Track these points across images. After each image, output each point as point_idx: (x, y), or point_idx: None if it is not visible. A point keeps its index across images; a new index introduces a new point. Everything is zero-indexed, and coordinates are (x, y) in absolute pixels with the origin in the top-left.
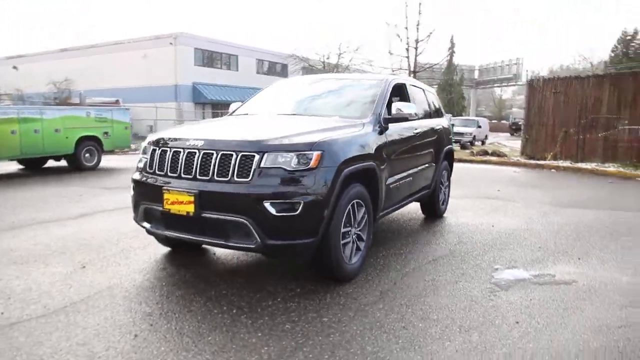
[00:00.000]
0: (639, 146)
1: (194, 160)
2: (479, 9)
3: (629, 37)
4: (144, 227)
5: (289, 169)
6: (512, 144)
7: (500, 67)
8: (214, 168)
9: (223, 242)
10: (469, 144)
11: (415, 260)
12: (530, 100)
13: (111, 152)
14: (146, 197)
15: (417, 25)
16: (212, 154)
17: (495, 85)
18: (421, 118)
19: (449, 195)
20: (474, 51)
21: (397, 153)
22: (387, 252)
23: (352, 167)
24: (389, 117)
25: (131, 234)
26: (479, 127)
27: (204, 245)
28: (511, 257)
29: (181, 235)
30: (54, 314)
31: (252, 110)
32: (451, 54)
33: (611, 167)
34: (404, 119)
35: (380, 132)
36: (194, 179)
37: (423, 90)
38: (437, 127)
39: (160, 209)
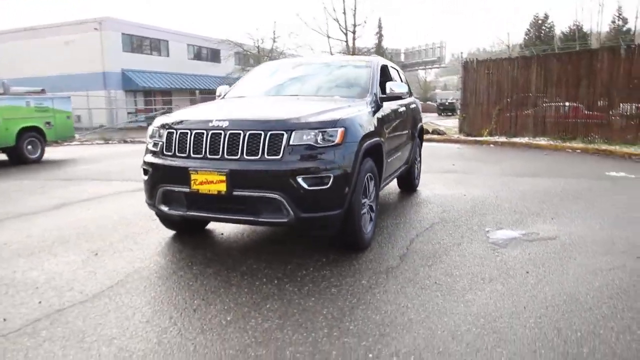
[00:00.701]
0: (564, 121)
1: (220, 141)
2: None
3: (540, 21)
4: (160, 210)
5: (317, 145)
6: (444, 123)
7: (425, 50)
8: (242, 147)
9: (254, 219)
10: None
11: (414, 228)
12: (465, 81)
13: (55, 142)
14: (166, 179)
15: (354, 9)
16: (240, 133)
17: (420, 67)
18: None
19: (420, 170)
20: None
21: (389, 130)
22: (385, 222)
23: (368, 142)
24: (384, 96)
25: (124, 220)
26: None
27: (208, 227)
28: (495, 220)
29: (208, 215)
30: (95, 298)
31: (248, 93)
32: (379, 38)
33: (542, 141)
34: (397, 97)
35: (377, 111)
36: (222, 158)
37: (397, 70)
38: (412, 106)
39: (187, 190)
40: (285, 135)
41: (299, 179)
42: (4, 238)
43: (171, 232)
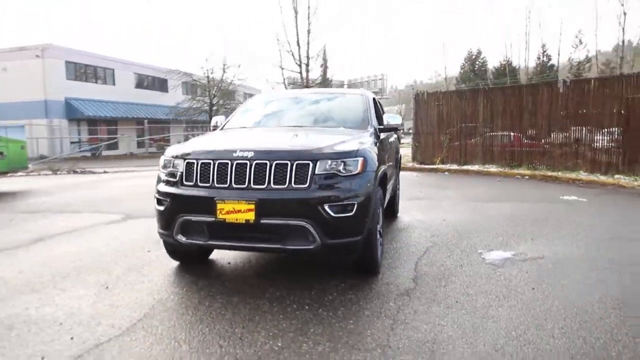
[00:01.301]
0: (509, 149)
1: (245, 171)
2: (352, 28)
3: (473, 57)
4: (177, 241)
5: (340, 174)
6: None
7: (367, 82)
8: (269, 177)
9: (280, 247)
10: None
11: (412, 252)
12: (417, 111)
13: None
14: (186, 209)
15: (308, 42)
16: (266, 163)
17: None
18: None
19: (399, 197)
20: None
21: (385, 160)
22: (384, 247)
23: (380, 171)
24: (381, 127)
25: (117, 253)
26: None
27: (210, 257)
28: (483, 243)
29: (232, 244)
30: (130, 331)
31: (250, 124)
32: (324, 69)
33: (492, 168)
34: (394, 129)
35: (377, 141)
36: (248, 188)
37: (379, 102)
38: (394, 136)
39: (211, 219)
40: (311, 165)
41: (326, 207)
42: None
43: (173, 264)
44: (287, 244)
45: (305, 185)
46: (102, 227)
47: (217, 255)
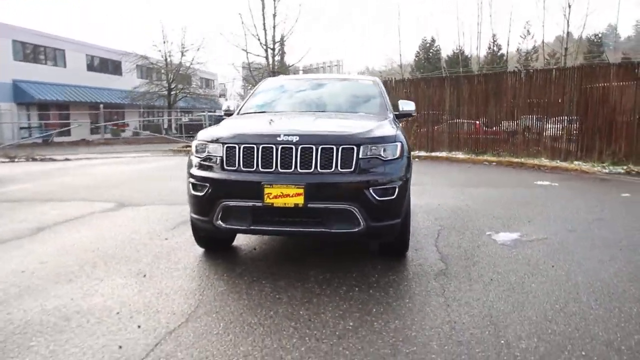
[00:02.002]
0: (475, 137)
1: (292, 155)
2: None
3: (428, 45)
4: (215, 227)
5: (382, 158)
6: None
7: (323, 67)
8: (316, 161)
9: (325, 230)
10: None
11: (427, 235)
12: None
13: None
14: (230, 194)
15: (274, 27)
16: (312, 148)
17: None
18: None
19: None
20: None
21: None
22: None
23: (410, 156)
24: (397, 113)
25: (134, 241)
26: None
27: (234, 243)
28: (487, 225)
29: (277, 229)
30: (195, 317)
31: (270, 108)
32: (282, 54)
33: (459, 154)
34: (408, 114)
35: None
36: (295, 172)
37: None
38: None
39: (258, 204)
40: (356, 149)
41: (371, 190)
42: (16, 266)
43: (197, 251)
44: (332, 227)
45: (351, 170)
46: (101, 216)
47: (238, 241)
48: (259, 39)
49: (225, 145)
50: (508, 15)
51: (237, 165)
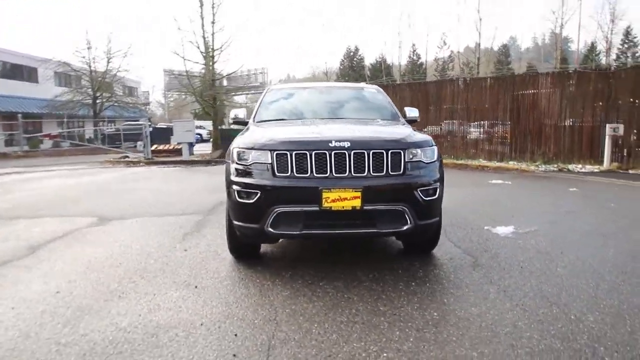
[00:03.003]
0: None
1: (345, 160)
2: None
3: (352, 53)
4: (265, 233)
5: (423, 161)
6: None
7: (248, 75)
8: (368, 165)
9: (376, 231)
10: None
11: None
12: None
13: None
14: (284, 200)
15: (213, 34)
16: (363, 153)
17: (244, 93)
18: None
19: None
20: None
21: None
22: None
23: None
24: (406, 119)
25: (149, 255)
26: None
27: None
28: (480, 221)
29: (330, 232)
30: (291, 321)
31: (287, 116)
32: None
33: None
34: (414, 120)
35: None
36: (350, 177)
37: None
38: None
39: (315, 208)
40: (402, 153)
41: (419, 191)
42: (45, 287)
43: (227, 260)
44: (382, 227)
45: (400, 172)
46: (90, 231)
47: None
48: (198, 47)
49: (275, 152)
50: (426, 27)
51: (289, 172)
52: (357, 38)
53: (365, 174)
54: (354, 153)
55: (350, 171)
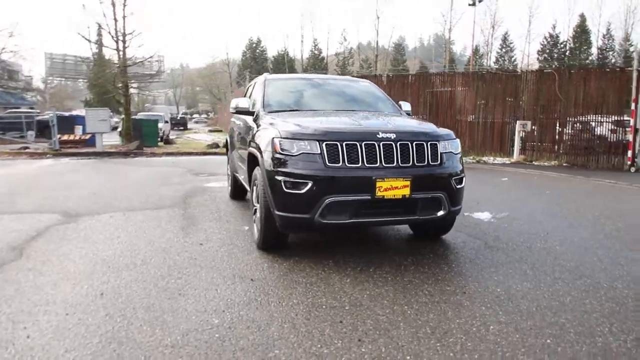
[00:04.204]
0: None
1: (392, 150)
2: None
3: (254, 45)
4: (314, 223)
5: (454, 152)
6: (201, 137)
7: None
8: (413, 155)
9: (417, 217)
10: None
11: None
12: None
13: None
14: (337, 190)
15: (124, 17)
16: (408, 144)
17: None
18: None
19: None
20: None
21: None
22: None
23: None
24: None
25: (169, 250)
26: (166, 122)
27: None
28: None
29: (376, 220)
30: (383, 302)
31: (300, 107)
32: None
33: None
34: (408, 114)
35: None
36: (398, 166)
37: None
38: None
39: (367, 197)
40: (438, 145)
41: (454, 180)
42: (80, 291)
43: (254, 252)
44: (422, 214)
45: (437, 163)
46: (66, 228)
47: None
48: (108, 31)
49: (325, 143)
50: (327, 23)
51: (341, 162)
52: (259, 30)
53: (411, 164)
54: (400, 144)
55: (397, 161)
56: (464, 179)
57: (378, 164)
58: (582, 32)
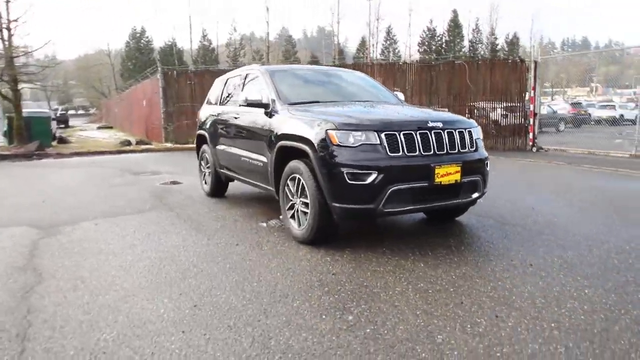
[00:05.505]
0: None
1: (442, 138)
2: None
3: (138, 35)
4: (378, 212)
5: (480, 138)
6: (99, 135)
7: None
8: (457, 143)
9: (460, 200)
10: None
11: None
12: (167, 91)
13: None
14: (400, 178)
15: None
16: (452, 132)
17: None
18: None
19: None
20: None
21: None
22: None
23: None
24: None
25: (205, 255)
26: (53, 119)
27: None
28: None
29: (431, 205)
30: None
31: (314, 98)
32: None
33: None
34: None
35: None
36: (447, 153)
37: None
38: None
39: (426, 184)
40: (472, 132)
41: (486, 163)
42: (178, 305)
43: (302, 248)
44: (463, 197)
45: (474, 148)
46: (54, 241)
47: None
48: None
49: (384, 133)
50: (216, 12)
51: (401, 151)
52: (144, 19)
53: (456, 150)
54: (447, 132)
55: (447, 149)
56: (489, 163)
57: (432, 152)
58: (455, 27)
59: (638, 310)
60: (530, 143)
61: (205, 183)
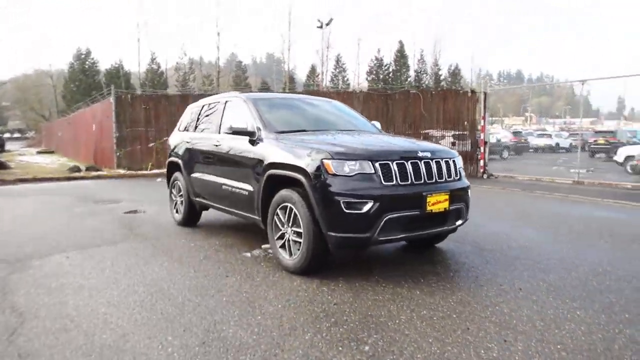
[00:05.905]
0: None
1: (431, 167)
2: None
3: (83, 56)
4: (372, 240)
5: (461, 167)
6: (42, 160)
7: None
8: (444, 172)
9: (444, 228)
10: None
11: None
12: (120, 115)
13: None
14: (394, 207)
15: None
16: (440, 161)
17: None
18: None
19: None
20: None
21: None
22: None
23: None
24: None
25: (224, 287)
26: None
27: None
28: None
29: (419, 233)
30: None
31: (300, 127)
32: None
33: None
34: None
35: None
36: (436, 182)
37: None
38: None
39: (417, 212)
40: (456, 161)
41: (469, 192)
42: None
43: (299, 278)
44: (449, 224)
45: (458, 177)
46: (27, 276)
47: None
48: None
49: (378, 162)
50: (165, 35)
51: (394, 180)
52: (89, 40)
53: (444, 179)
54: (435, 161)
55: (435, 178)
56: (470, 191)
57: (423, 180)
58: (401, 57)
59: (630, 329)
60: (482, 170)
61: (177, 212)
